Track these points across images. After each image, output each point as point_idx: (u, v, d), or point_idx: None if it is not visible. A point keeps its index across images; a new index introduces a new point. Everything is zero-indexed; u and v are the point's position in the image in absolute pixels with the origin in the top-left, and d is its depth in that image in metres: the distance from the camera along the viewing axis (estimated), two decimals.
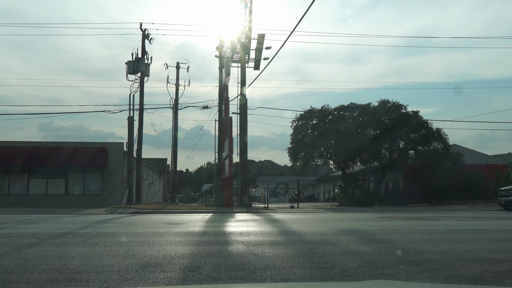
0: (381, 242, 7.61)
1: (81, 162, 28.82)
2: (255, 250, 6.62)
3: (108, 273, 5.04)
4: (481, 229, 10.24)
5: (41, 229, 10.22)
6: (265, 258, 5.87)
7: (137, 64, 25.39)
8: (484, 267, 5.36)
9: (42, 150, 28.58)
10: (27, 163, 28.41)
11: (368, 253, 6.36)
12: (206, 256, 6.08)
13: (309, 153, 34.42)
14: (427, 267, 5.36)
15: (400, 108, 32.73)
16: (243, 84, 26.34)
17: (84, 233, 9.40)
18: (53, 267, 5.34)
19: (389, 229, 10.15)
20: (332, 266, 5.40)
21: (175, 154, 30.98)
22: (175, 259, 5.84)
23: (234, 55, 27.47)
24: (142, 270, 5.18)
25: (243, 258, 5.89)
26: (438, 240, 7.91)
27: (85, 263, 5.58)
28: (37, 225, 11.72)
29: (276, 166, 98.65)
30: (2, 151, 28.34)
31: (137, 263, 5.60)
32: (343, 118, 34.02)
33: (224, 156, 26.91)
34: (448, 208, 24.50)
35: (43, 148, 28.92)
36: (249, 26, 25.11)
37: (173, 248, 6.84)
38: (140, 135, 26.29)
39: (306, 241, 7.91)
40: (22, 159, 28.22)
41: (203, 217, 15.54)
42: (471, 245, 7.26)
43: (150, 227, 10.90)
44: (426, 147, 31.91)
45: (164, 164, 51.62)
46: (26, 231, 9.77)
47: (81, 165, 29.22)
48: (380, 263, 5.58)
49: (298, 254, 6.27)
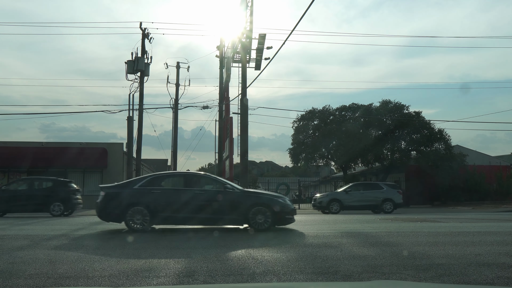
0: (385, 245, 7.33)
1: (81, 162, 28.51)
2: (254, 253, 6.34)
3: (98, 279, 4.77)
4: (488, 231, 9.96)
5: (35, 231, 9.95)
6: (265, 262, 5.60)
7: (137, 64, 25.11)
8: (496, 272, 5.08)
9: (41, 150, 28.29)
10: (26, 164, 28.09)
11: (373, 257, 6.08)
12: (203, 260, 5.81)
13: (311, 154, 34.12)
14: (436, 272, 5.08)
15: (402, 108, 32.42)
16: (244, 84, 26.05)
17: (78, 235, 9.13)
18: (41, 272, 5.07)
19: (393, 231, 9.87)
20: (335, 271, 5.12)
21: (175, 154, 30.69)
22: (169, 263, 5.57)
23: (235, 55, 27.20)
24: (135, 275, 4.91)
25: (242, 262, 5.62)
26: (445, 243, 7.63)
27: (75, 268, 5.32)
28: (32, 227, 11.46)
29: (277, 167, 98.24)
30: (1, 152, 28.08)
31: (130, 267, 5.33)
32: (344, 118, 33.71)
33: (225, 156, 26.63)
34: (451, 210, 24.17)
35: (42, 148, 28.64)
36: (250, 27, 24.82)
37: (168, 252, 6.58)
38: (140, 136, 26.01)
39: (308, 244, 7.63)
40: (21, 159, 27.93)
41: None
42: (479, 248, 6.97)
43: None
44: (429, 148, 31.57)
45: (165, 165, 51.41)
46: (19, 233, 9.51)
47: (81, 165, 28.90)
48: (385, 268, 5.30)
49: (299, 258, 5.99)
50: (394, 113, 32.13)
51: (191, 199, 9.78)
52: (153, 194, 9.83)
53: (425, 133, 31.45)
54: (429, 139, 31.33)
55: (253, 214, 9.75)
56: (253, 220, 9.73)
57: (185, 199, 9.76)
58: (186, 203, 9.72)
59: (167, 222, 10.10)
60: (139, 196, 9.79)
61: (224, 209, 9.88)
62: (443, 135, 31.48)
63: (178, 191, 10.07)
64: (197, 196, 9.89)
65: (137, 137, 25.84)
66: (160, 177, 10.56)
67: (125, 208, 9.62)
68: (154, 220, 9.73)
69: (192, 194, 9.90)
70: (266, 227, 9.72)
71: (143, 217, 9.56)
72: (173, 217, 9.85)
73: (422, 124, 31.80)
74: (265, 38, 26.23)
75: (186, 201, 9.73)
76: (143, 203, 9.66)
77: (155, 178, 10.29)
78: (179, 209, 9.72)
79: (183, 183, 10.35)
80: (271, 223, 9.83)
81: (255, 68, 27.53)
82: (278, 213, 9.88)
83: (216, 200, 9.90)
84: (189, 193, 9.92)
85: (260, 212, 9.77)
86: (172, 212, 9.76)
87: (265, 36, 26.25)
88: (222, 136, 27.50)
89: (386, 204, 20.86)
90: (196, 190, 10.05)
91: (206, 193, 10.09)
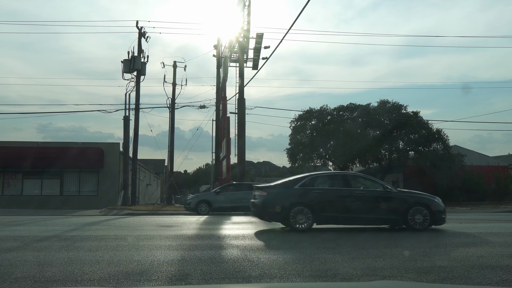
0: (385, 247, 7.15)
1: (77, 162, 28.22)
2: (250, 255, 6.16)
3: (87, 282, 4.58)
4: (489, 232, 9.80)
5: (26, 232, 9.73)
6: (261, 265, 5.41)
7: (133, 63, 24.93)
8: (500, 275, 4.92)
9: (36, 150, 27.99)
10: (21, 164, 27.84)
11: (372, 259, 5.90)
12: (197, 262, 5.62)
13: (308, 154, 33.93)
14: (438, 275, 4.91)
15: (400, 108, 32.26)
16: (241, 83, 25.87)
17: (70, 236, 8.92)
18: (28, 275, 4.87)
19: (392, 232, 9.70)
20: (333, 274, 4.94)
21: (171, 154, 30.46)
22: (163, 266, 5.38)
23: (233, 54, 27.04)
24: (126, 278, 4.73)
25: (237, 265, 5.43)
26: (446, 245, 7.46)
27: (65, 270, 5.12)
28: (24, 227, 11.24)
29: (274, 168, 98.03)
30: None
31: (121, 270, 5.14)
32: (342, 118, 33.55)
33: (222, 156, 26.45)
34: (450, 210, 23.88)
35: (37, 148, 28.34)
36: (248, 26, 24.67)
37: (162, 253, 6.38)
38: (136, 135, 25.83)
39: (305, 245, 7.45)
40: (16, 159, 27.69)
41: (198, 219, 15.06)
42: (481, 249, 6.81)
43: (142, 230, 10.43)
44: (427, 148, 31.42)
45: (162, 165, 51.10)
46: (10, 234, 9.29)
47: (77, 165, 28.62)
48: (386, 271, 5.13)
49: (296, 260, 5.81)
50: (392, 113, 31.97)
51: (352, 199, 9.99)
52: (315, 194, 9.98)
53: (423, 133, 31.29)
54: (427, 139, 31.18)
55: (412, 214, 9.83)
56: (412, 221, 9.82)
57: (346, 199, 9.99)
58: (347, 203, 9.96)
59: (328, 221, 10.25)
60: (301, 196, 9.95)
61: (384, 209, 10.01)
62: (441, 135, 31.33)
63: (339, 191, 10.19)
64: (358, 196, 10.07)
65: (133, 136, 25.64)
66: (318, 177, 10.69)
67: (288, 208, 9.74)
68: (316, 219, 9.86)
69: (353, 194, 10.09)
70: (425, 227, 9.78)
71: (305, 216, 9.69)
72: (335, 216, 10.01)
73: (420, 124, 31.64)
74: (262, 37, 26.07)
75: (347, 201, 9.97)
76: (304, 203, 9.81)
77: (313, 178, 10.42)
78: (340, 209, 9.94)
79: (341, 183, 10.43)
80: (430, 223, 9.90)
81: (253, 68, 27.36)
82: (435, 213, 9.97)
83: (376, 201, 10.07)
84: (349, 193, 10.10)
85: (419, 212, 9.86)
86: (334, 212, 9.94)
87: (263, 36, 26.09)
88: (219, 136, 27.33)
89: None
90: (356, 190, 10.21)
91: (367, 193, 10.19)
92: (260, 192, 10.25)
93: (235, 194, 19.78)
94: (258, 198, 10.21)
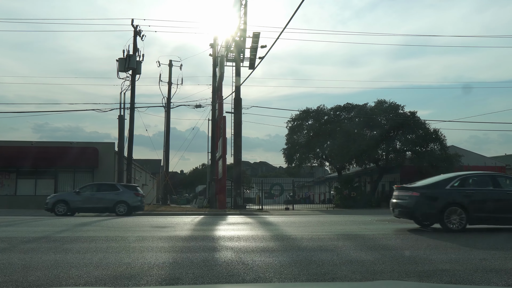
0: (384, 249, 6.94)
1: (71, 162, 27.88)
2: (245, 258, 5.93)
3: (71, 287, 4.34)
4: (490, 232, 9.61)
5: (15, 233, 9.47)
6: (256, 268, 5.19)
7: (128, 61, 24.64)
8: (505, 279, 4.71)
9: (31, 150, 27.65)
10: (15, 163, 27.53)
11: (371, 262, 5.68)
12: (189, 265, 5.38)
13: (305, 154, 33.68)
14: (440, 279, 4.70)
15: (397, 108, 32.08)
16: (237, 82, 25.65)
17: (60, 237, 8.66)
18: (10, 279, 4.63)
19: (391, 234, 9.50)
20: (332, 278, 4.73)
21: (167, 154, 30.20)
22: (153, 269, 5.14)
23: (229, 54, 26.81)
24: (113, 282, 4.50)
25: (231, 268, 5.21)
26: (446, 246, 7.25)
27: (49, 274, 4.87)
28: (14, 228, 10.97)
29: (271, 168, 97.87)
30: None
31: (109, 273, 4.90)
32: (339, 118, 33.34)
33: (218, 156, 26.20)
34: None
35: (32, 148, 27.99)
36: (244, 26, 24.47)
37: (153, 256, 6.14)
38: (131, 134, 25.54)
39: (302, 247, 7.22)
40: (10, 159, 27.36)
41: (193, 219, 14.81)
42: (483, 252, 6.60)
43: (134, 231, 10.17)
44: (424, 148, 31.26)
45: (158, 165, 50.80)
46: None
47: (71, 165, 28.29)
48: (386, 274, 4.91)
49: (293, 263, 5.59)
50: (389, 113, 31.79)
51: (504, 200, 9.96)
52: (468, 194, 9.88)
53: (420, 134, 31.13)
54: (424, 139, 31.01)
55: None
56: None
57: (498, 199, 9.95)
58: (499, 204, 9.93)
59: (482, 222, 10.10)
60: (454, 196, 9.88)
61: None
62: (439, 135, 31.18)
63: (491, 191, 10.09)
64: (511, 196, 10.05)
65: (128, 136, 25.36)
66: (468, 177, 10.57)
67: (442, 209, 9.71)
68: (470, 220, 9.76)
69: (505, 194, 10.04)
70: None
71: (459, 217, 9.63)
72: (488, 217, 9.93)
73: (417, 124, 31.47)
74: (259, 36, 25.84)
75: (499, 202, 9.94)
76: (458, 203, 9.75)
77: (464, 179, 10.36)
78: (493, 209, 9.90)
79: (491, 183, 10.31)
80: None
81: (249, 67, 27.13)
82: None
83: None
84: (501, 193, 10.07)
85: None
86: (487, 212, 9.87)
87: (259, 35, 25.87)
88: (215, 136, 27.06)
89: (120, 206, 18.66)
90: (508, 190, 10.11)
91: None
92: (410, 192, 10.16)
93: (95, 195, 19.09)
94: (407, 199, 10.10)
